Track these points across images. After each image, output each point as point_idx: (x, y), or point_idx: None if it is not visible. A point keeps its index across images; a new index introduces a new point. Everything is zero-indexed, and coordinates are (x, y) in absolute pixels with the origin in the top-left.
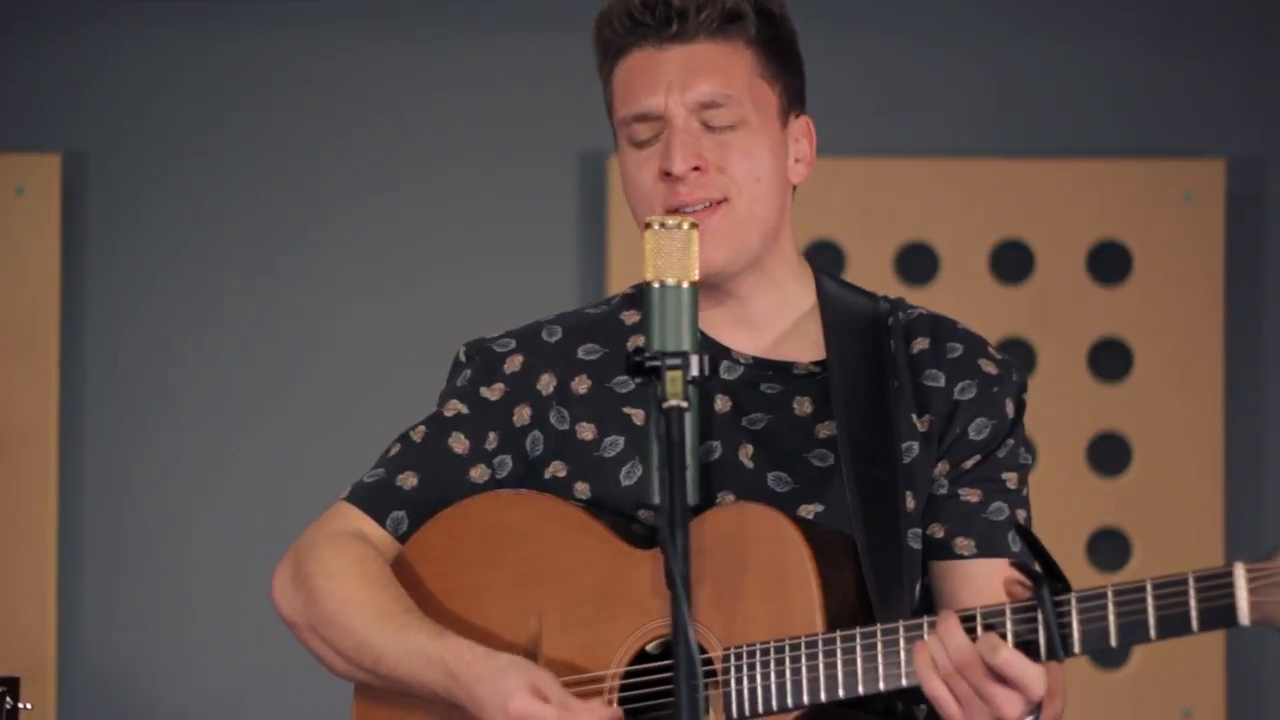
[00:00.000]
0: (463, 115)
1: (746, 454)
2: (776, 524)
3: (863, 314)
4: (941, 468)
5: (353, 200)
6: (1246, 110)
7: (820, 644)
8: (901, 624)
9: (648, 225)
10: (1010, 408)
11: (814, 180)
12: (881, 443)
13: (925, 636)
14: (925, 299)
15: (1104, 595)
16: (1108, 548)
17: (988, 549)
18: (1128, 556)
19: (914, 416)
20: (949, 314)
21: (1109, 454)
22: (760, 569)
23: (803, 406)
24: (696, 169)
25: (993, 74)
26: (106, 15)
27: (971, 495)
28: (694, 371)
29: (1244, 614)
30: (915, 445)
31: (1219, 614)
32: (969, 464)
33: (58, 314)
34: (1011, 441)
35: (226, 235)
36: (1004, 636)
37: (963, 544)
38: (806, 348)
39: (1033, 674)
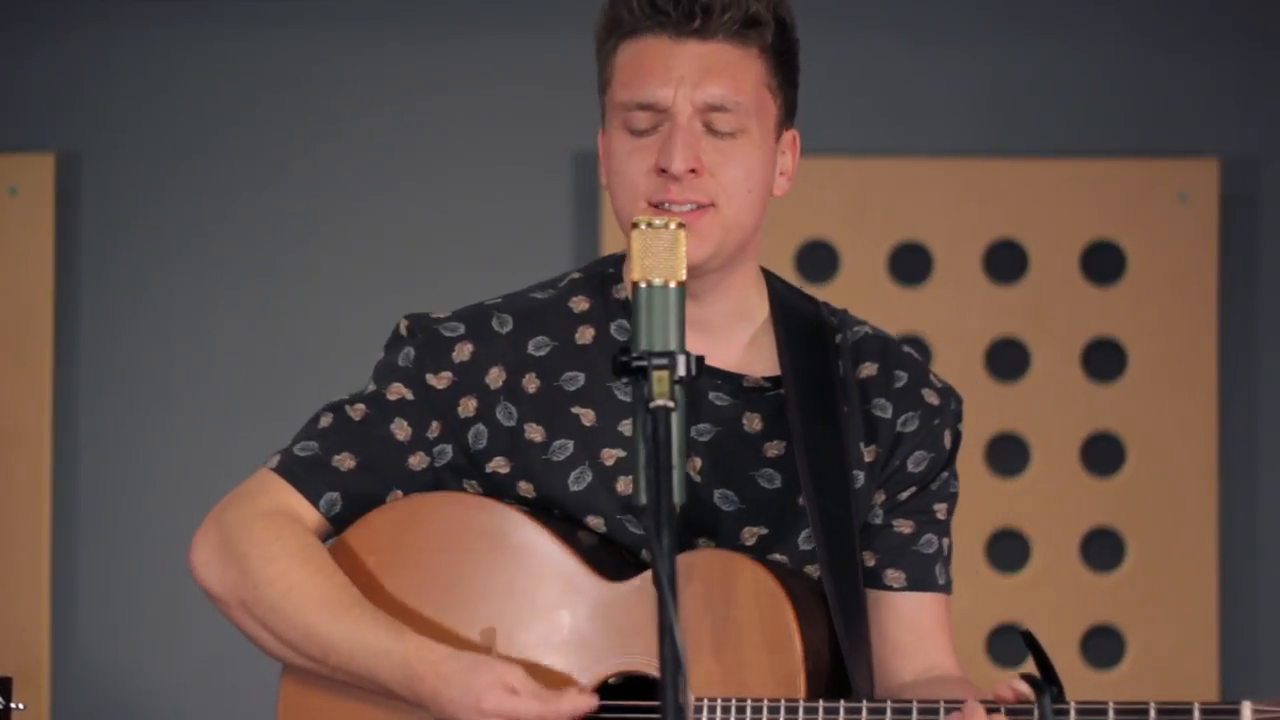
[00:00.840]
0: (456, 115)
1: (694, 467)
2: (759, 578)
3: (812, 328)
4: (879, 496)
5: (347, 200)
6: (1240, 110)
7: (801, 713)
8: (889, 705)
9: (635, 225)
10: (948, 439)
11: (807, 180)
12: (836, 474)
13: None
14: (918, 299)
15: (1105, 710)
16: (1101, 547)
17: (917, 582)
18: (1121, 556)
19: (862, 445)
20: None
21: (1103, 454)
22: (740, 623)
23: (752, 423)
24: (692, 171)
25: (986, 74)
26: (100, 15)
27: (904, 527)
28: (681, 371)
29: None
30: (861, 475)
31: None
32: (904, 495)
33: (51, 314)
34: (945, 474)
35: (220, 235)
36: None
37: (893, 576)
38: (759, 361)
39: None
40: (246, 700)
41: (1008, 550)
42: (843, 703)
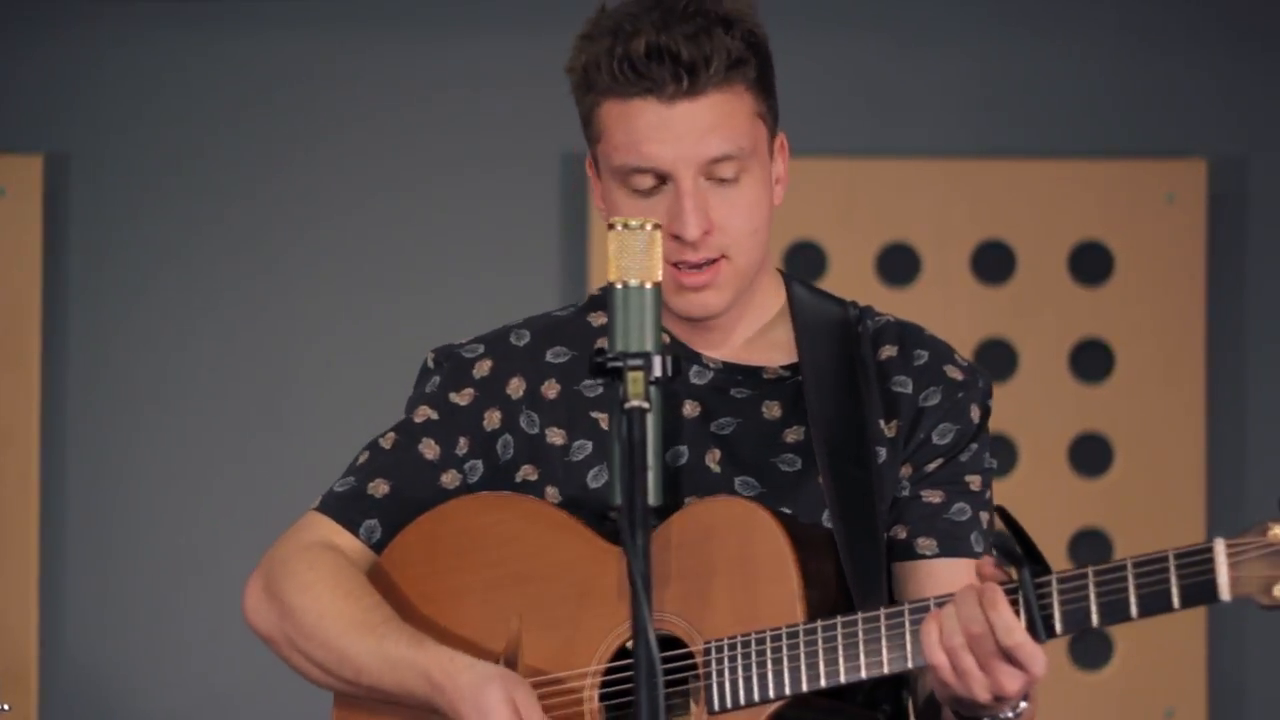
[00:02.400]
0: (445, 117)
1: (714, 459)
2: (755, 516)
3: (833, 319)
4: (905, 471)
5: (337, 202)
6: (1228, 111)
7: (801, 634)
8: (883, 611)
9: (611, 226)
10: (975, 414)
11: (795, 181)
12: (856, 443)
13: (906, 624)
14: (907, 299)
15: (1085, 576)
16: (1090, 548)
17: (950, 549)
18: (1109, 557)
19: (882, 422)
20: (932, 315)
21: (1091, 455)
22: (741, 561)
23: (771, 411)
24: (705, 233)
25: (974, 75)
26: (88, 16)
27: (934, 496)
28: (656, 372)
29: (1224, 589)
30: (883, 451)
31: (1200, 590)
32: (932, 467)
33: (40, 315)
34: (975, 446)
35: (209, 236)
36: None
37: (925, 544)
38: (777, 352)
39: (1040, 655)
40: (235, 701)
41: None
42: (839, 619)
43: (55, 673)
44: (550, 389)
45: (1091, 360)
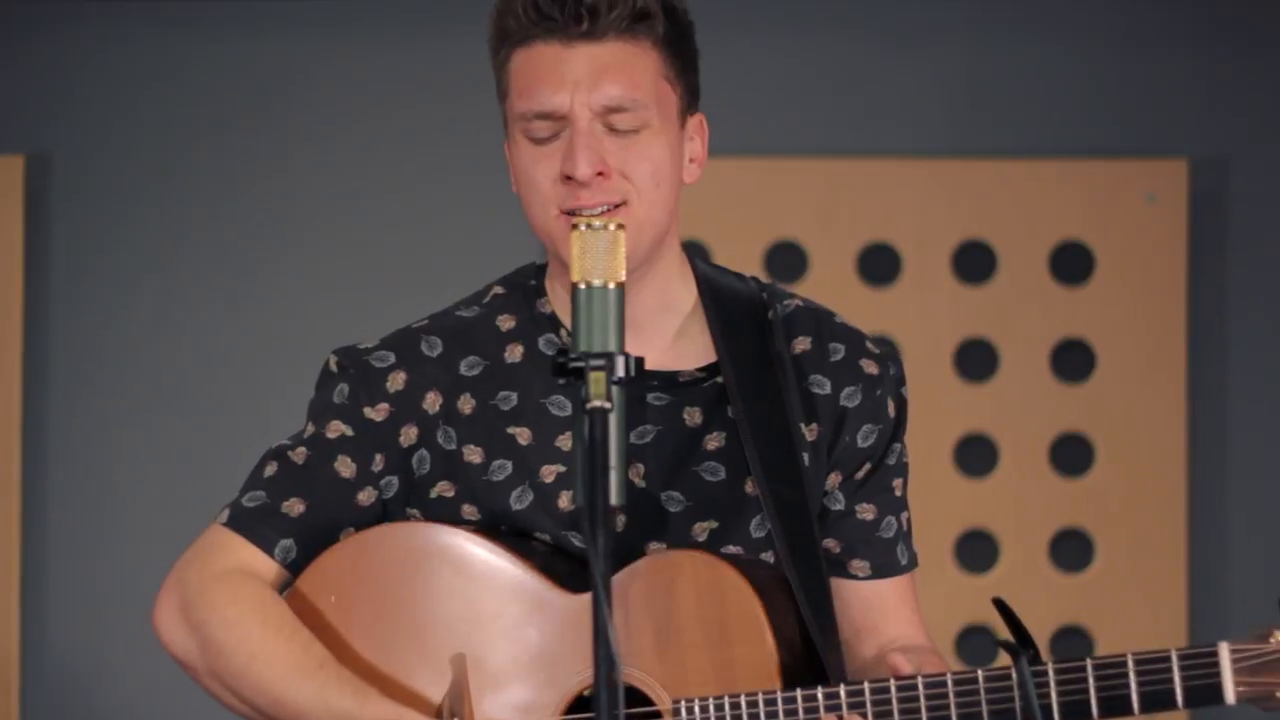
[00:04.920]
0: (439, 118)
1: (638, 473)
2: (722, 573)
3: (744, 308)
4: (834, 479)
5: (320, 204)
6: (1208, 110)
7: (780, 702)
8: (867, 684)
9: (574, 227)
10: (892, 408)
11: (775, 181)
12: (784, 456)
13: (894, 700)
14: (887, 299)
15: (1083, 669)
16: (1070, 548)
17: (881, 570)
18: (1091, 557)
19: (803, 425)
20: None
21: (1072, 454)
22: (708, 620)
23: (693, 417)
24: (600, 174)
25: (955, 75)
26: (69, 17)
27: (867, 512)
28: (620, 372)
29: (1229, 694)
30: (807, 456)
31: (1204, 692)
32: (860, 474)
33: (21, 316)
34: (897, 445)
35: (191, 237)
36: (978, 705)
37: (858, 566)
38: (692, 353)
39: None
40: (215, 706)
41: (976, 551)
42: (820, 689)
43: (37, 673)
44: (466, 404)
45: (1072, 360)
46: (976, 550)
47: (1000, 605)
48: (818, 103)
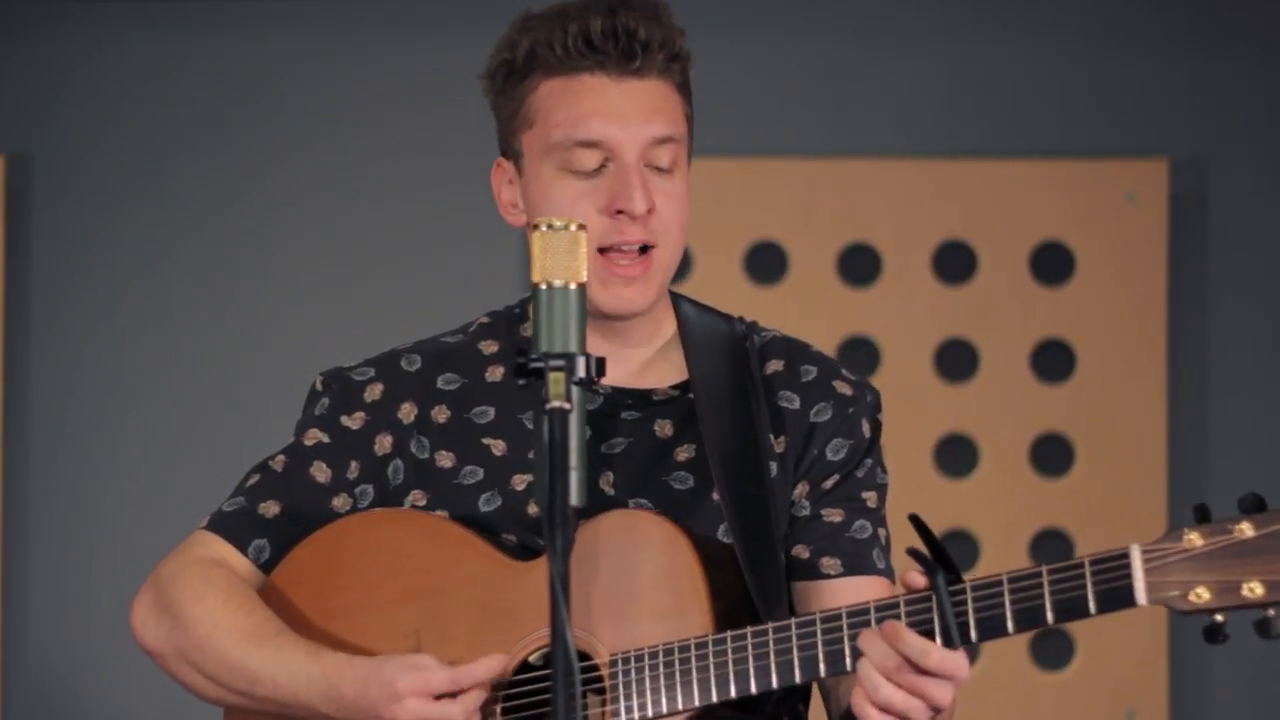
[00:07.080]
0: (425, 122)
1: (607, 482)
2: (664, 531)
3: (721, 336)
4: (801, 489)
5: (304, 206)
6: (1189, 111)
7: (710, 644)
8: (793, 620)
9: (535, 226)
10: (867, 428)
11: (756, 181)
12: (749, 459)
13: (819, 632)
14: (867, 300)
15: (999, 583)
16: (1051, 549)
17: (854, 567)
18: (1071, 558)
19: (771, 437)
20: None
21: (1052, 455)
22: (649, 576)
23: (663, 429)
24: (648, 211)
25: (935, 75)
26: (50, 16)
27: (834, 515)
28: (580, 373)
29: (1141, 594)
30: (774, 466)
31: (1116, 595)
32: (828, 484)
33: (1, 315)
34: (870, 461)
35: (173, 238)
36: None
37: (829, 564)
38: (668, 373)
39: (960, 660)
40: (199, 703)
41: (957, 552)
42: (749, 629)
43: (19, 675)
44: (440, 414)
45: (1052, 360)
46: (956, 551)
47: (917, 523)
48: (797, 103)
